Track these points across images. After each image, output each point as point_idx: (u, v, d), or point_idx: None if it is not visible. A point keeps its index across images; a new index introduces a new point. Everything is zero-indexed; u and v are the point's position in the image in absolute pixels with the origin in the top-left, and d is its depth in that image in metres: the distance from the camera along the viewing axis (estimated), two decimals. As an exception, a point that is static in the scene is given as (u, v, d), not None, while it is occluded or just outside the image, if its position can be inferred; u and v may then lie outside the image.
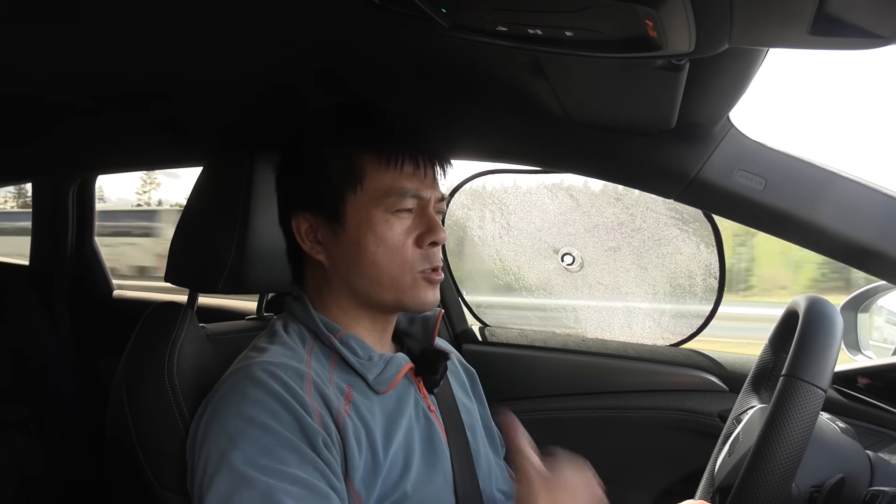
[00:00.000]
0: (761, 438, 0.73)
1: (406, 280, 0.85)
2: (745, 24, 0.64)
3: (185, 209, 1.04)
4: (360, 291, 0.87)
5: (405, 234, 0.85)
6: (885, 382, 1.22)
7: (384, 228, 0.84)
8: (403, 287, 0.85)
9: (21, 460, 1.82)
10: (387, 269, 0.84)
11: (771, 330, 1.01)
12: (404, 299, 0.86)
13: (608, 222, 1.54)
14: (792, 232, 1.07)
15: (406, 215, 0.85)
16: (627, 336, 1.57)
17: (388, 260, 0.84)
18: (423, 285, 0.86)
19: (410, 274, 0.85)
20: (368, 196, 0.84)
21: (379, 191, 0.84)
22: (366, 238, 0.84)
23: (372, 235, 0.84)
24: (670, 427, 1.40)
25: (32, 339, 1.96)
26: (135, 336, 0.94)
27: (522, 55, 0.84)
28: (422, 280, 0.86)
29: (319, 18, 0.84)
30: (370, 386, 0.83)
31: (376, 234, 0.84)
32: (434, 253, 0.87)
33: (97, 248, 2.14)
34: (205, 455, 0.73)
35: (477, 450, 0.95)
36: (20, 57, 1.02)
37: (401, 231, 0.85)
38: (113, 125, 1.47)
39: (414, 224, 0.86)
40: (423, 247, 0.85)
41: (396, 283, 0.85)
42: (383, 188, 0.84)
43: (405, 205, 0.85)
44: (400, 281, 0.85)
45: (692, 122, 1.01)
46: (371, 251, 0.84)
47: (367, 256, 0.84)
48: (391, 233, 0.84)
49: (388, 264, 0.84)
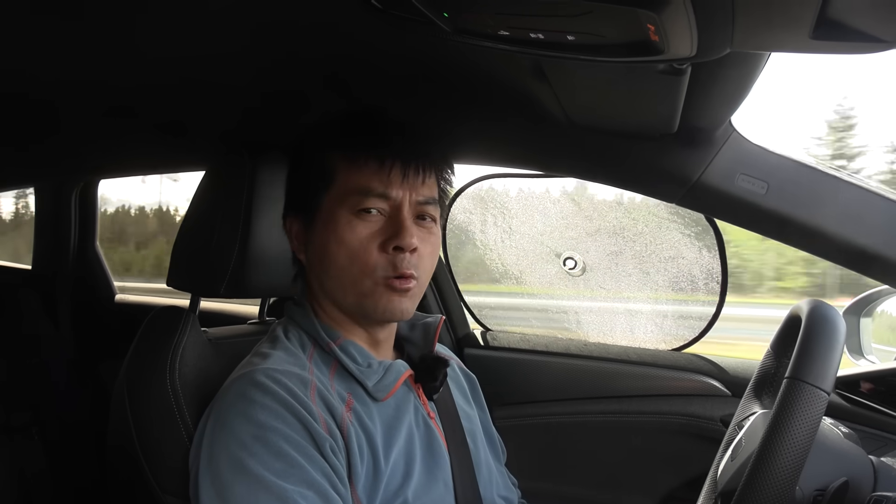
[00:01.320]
0: (765, 440, 0.73)
1: (366, 285, 0.82)
2: (747, 29, 0.64)
3: (187, 213, 1.04)
4: (329, 293, 0.86)
5: (369, 238, 0.82)
6: (888, 387, 1.22)
7: (345, 230, 0.82)
8: (364, 292, 0.82)
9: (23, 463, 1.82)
10: (347, 271, 0.82)
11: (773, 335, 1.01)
12: (366, 305, 0.83)
13: (610, 226, 1.54)
14: (794, 236, 1.07)
15: (374, 217, 0.82)
16: (630, 340, 1.57)
17: (349, 262, 0.82)
18: (385, 293, 0.82)
19: (371, 279, 0.82)
20: (336, 196, 0.83)
21: (345, 190, 0.83)
22: (328, 239, 0.83)
23: (333, 236, 0.82)
24: (673, 431, 1.40)
25: (35, 342, 1.96)
26: (137, 340, 0.94)
27: (524, 59, 0.84)
28: (383, 287, 0.82)
29: (324, 23, 0.85)
30: (369, 393, 0.83)
31: (337, 235, 0.82)
32: (401, 259, 0.81)
33: (99, 252, 2.15)
34: (214, 461, 0.72)
35: (477, 456, 0.94)
36: (22, 60, 1.02)
37: (365, 234, 0.82)
38: (116, 129, 1.47)
39: (382, 227, 0.82)
40: (387, 251, 0.81)
41: (356, 288, 0.83)
42: (349, 187, 0.83)
43: (368, 204, 0.82)
44: (359, 285, 0.82)
45: (694, 126, 1.01)
46: (332, 252, 0.82)
47: (328, 257, 0.83)
48: (352, 235, 0.81)
49: (349, 266, 0.82)
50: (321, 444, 0.73)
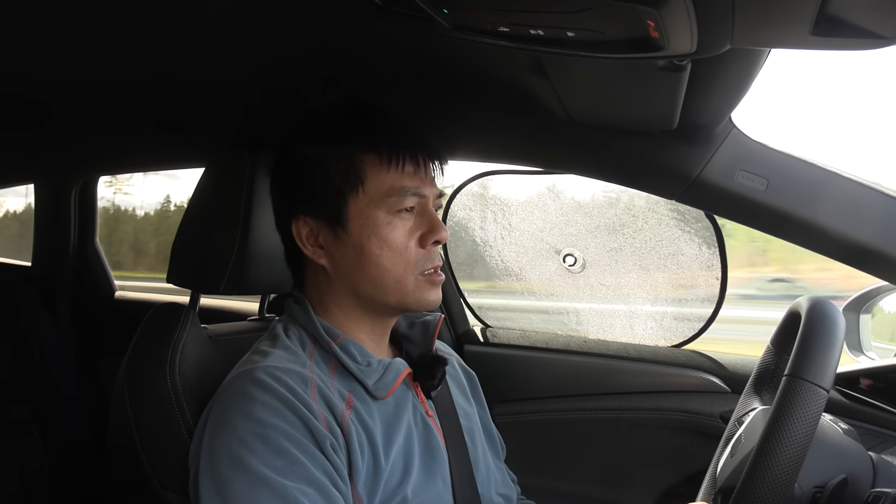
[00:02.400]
0: (764, 438, 0.73)
1: (409, 282, 0.85)
2: (747, 25, 0.64)
3: (187, 210, 1.04)
4: (364, 294, 0.86)
5: (408, 235, 0.84)
6: (888, 384, 1.22)
7: (388, 230, 0.83)
8: (407, 289, 0.85)
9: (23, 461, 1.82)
10: (391, 271, 0.84)
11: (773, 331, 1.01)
12: (407, 301, 0.86)
13: (610, 223, 1.54)
14: (793, 232, 1.07)
15: (407, 215, 0.85)
16: (629, 337, 1.57)
17: (393, 262, 0.84)
18: (426, 286, 0.86)
19: (414, 275, 0.85)
20: (370, 197, 0.83)
21: (381, 191, 0.83)
22: (369, 241, 0.83)
23: (375, 238, 0.83)
24: (672, 428, 1.40)
25: (35, 339, 1.96)
26: (137, 337, 0.94)
27: (524, 56, 0.84)
28: (424, 281, 0.85)
29: (324, 21, 0.84)
30: (369, 391, 0.83)
31: (380, 237, 0.83)
32: (436, 252, 0.87)
33: (99, 249, 2.15)
34: (215, 458, 0.72)
35: (476, 454, 0.95)
36: (22, 58, 1.02)
37: (403, 232, 0.84)
38: (115, 126, 1.47)
39: (416, 224, 0.85)
40: (425, 246, 0.85)
41: (400, 286, 0.85)
42: (385, 188, 0.83)
43: (406, 204, 0.84)
44: (404, 283, 0.85)
45: (694, 123, 1.01)
46: (375, 254, 0.83)
47: (370, 259, 0.84)
48: (394, 234, 0.83)
49: (393, 266, 0.84)
50: (322, 441, 0.73)
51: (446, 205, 1.63)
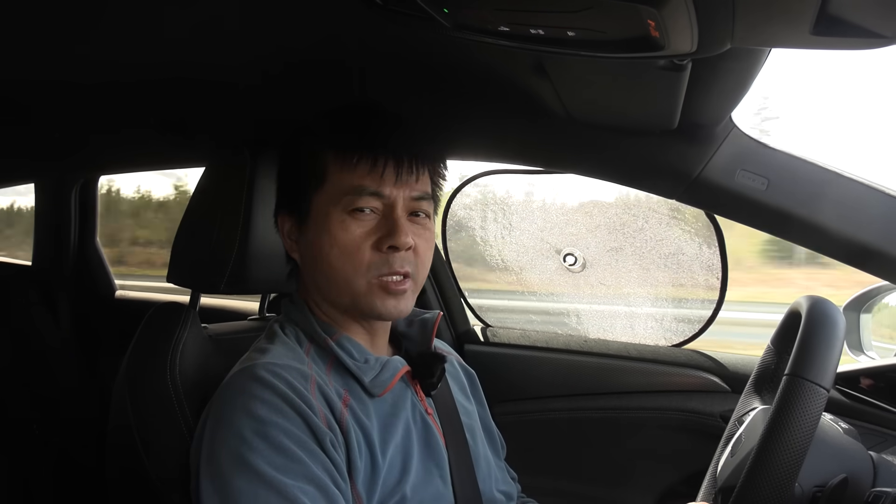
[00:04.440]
0: (764, 437, 0.73)
1: (360, 285, 0.82)
2: (748, 24, 0.64)
3: (188, 209, 1.04)
4: (323, 292, 0.86)
5: (363, 237, 0.82)
6: (888, 383, 1.22)
7: (338, 229, 0.82)
8: (358, 292, 0.83)
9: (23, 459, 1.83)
10: (340, 271, 0.82)
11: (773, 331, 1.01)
12: (360, 304, 0.83)
13: (610, 223, 1.54)
14: (794, 232, 1.07)
15: (368, 216, 0.82)
16: (630, 336, 1.57)
17: (342, 262, 0.82)
18: (379, 292, 0.82)
19: (365, 279, 0.82)
20: (329, 195, 0.83)
21: (338, 189, 0.83)
22: (321, 238, 0.83)
23: (327, 236, 0.82)
24: (672, 428, 1.40)
25: (35, 338, 1.96)
26: (137, 336, 0.94)
27: (524, 55, 0.84)
28: (377, 287, 0.82)
29: (324, 21, 0.84)
30: (366, 389, 0.83)
31: (331, 235, 0.82)
32: (396, 258, 0.82)
33: (99, 249, 2.15)
34: (215, 456, 0.72)
35: (476, 452, 0.94)
36: (22, 57, 1.02)
37: (359, 233, 0.82)
38: (116, 126, 1.47)
39: (377, 226, 0.83)
40: (382, 250, 0.81)
41: (349, 287, 0.83)
42: (342, 187, 0.83)
43: (362, 204, 0.82)
44: (352, 285, 0.82)
45: (694, 122, 1.01)
46: (325, 251, 0.82)
47: (321, 257, 0.83)
48: (345, 234, 0.82)
49: (342, 266, 0.82)
50: (321, 438, 0.73)
51: (446, 204, 1.63)
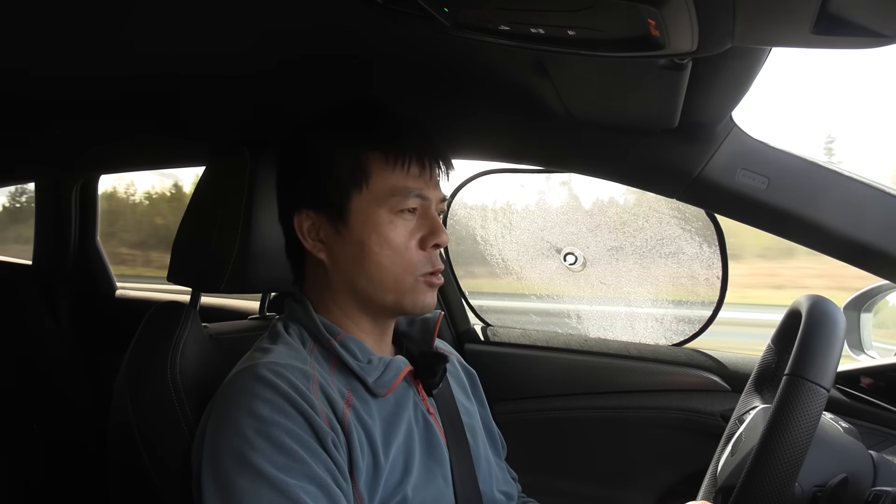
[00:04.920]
0: (764, 437, 0.73)
1: (408, 282, 0.85)
2: (748, 23, 0.64)
3: (188, 209, 1.04)
4: (361, 292, 0.86)
5: (408, 236, 0.85)
6: (888, 382, 1.22)
7: (388, 229, 0.84)
8: (404, 289, 0.85)
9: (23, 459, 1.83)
10: (390, 270, 0.84)
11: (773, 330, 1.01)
12: (404, 301, 0.86)
13: (610, 222, 1.54)
14: (794, 231, 1.07)
15: (409, 216, 0.85)
16: (630, 335, 1.57)
17: (392, 261, 0.84)
18: (424, 289, 0.86)
19: (413, 276, 0.85)
20: (373, 195, 0.84)
21: (384, 190, 0.84)
22: (370, 238, 0.84)
23: (376, 236, 0.84)
24: (673, 427, 1.40)
25: (36, 337, 1.97)
26: (137, 336, 0.94)
27: (525, 54, 0.84)
28: (423, 283, 0.86)
29: (324, 21, 0.84)
30: (369, 389, 0.83)
31: (380, 235, 0.84)
32: (436, 255, 0.87)
33: (100, 248, 2.15)
34: (217, 456, 0.72)
35: (477, 451, 0.95)
36: (22, 55, 1.02)
37: (405, 232, 0.85)
38: (116, 125, 1.47)
39: (417, 226, 0.86)
40: (426, 249, 0.85)
41: (398, 285, 0.85)
42: (388, 188, 0.84)
43: (409, 205, 0.85)
44: (402, 283, 0.85)
45: (695, 122, 1.01)
46: (375, 252, 0.84)
47: (370, 257, 0.84)
48: (395, 234, 0.84)
49: (392, 266, 0.84)
50: (323, 438, 0.73)
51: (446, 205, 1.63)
